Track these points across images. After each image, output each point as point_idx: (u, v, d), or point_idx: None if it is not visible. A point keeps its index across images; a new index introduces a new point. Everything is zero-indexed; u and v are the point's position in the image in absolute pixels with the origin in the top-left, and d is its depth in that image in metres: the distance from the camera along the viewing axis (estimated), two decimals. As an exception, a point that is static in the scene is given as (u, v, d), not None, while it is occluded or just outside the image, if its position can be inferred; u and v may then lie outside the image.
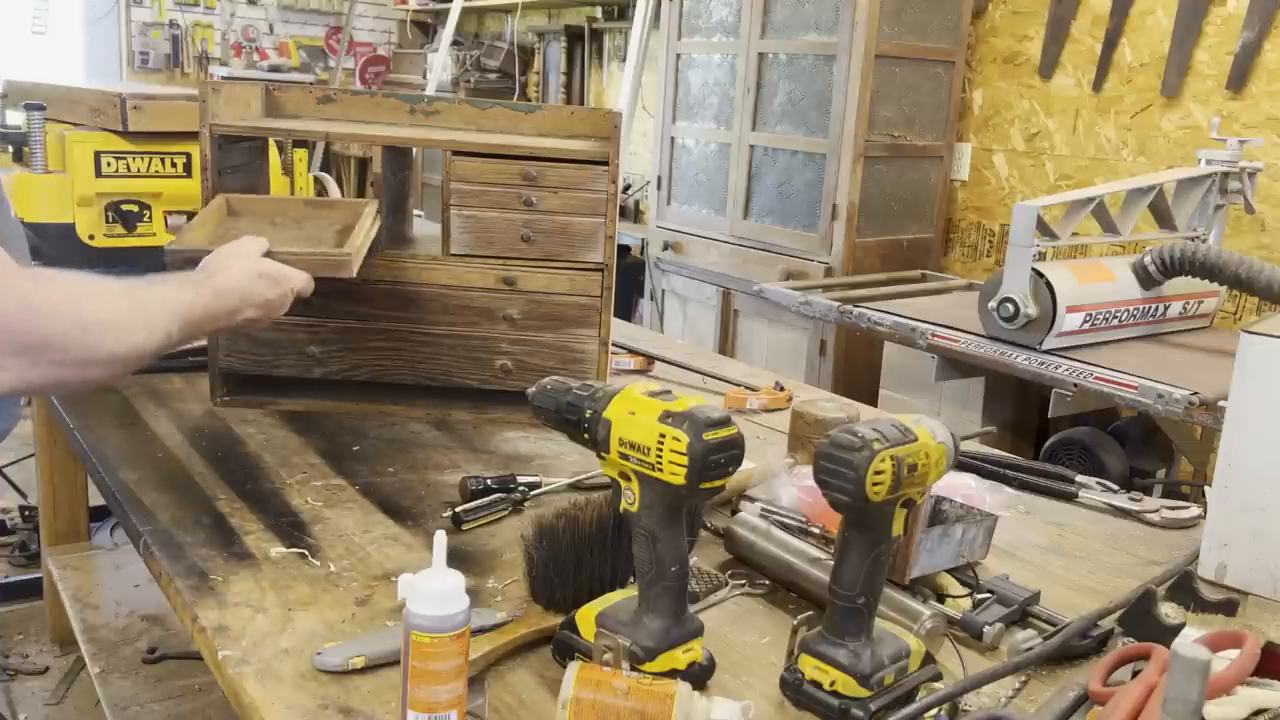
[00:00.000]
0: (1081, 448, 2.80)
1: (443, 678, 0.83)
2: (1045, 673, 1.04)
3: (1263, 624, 1.16)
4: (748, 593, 1.18)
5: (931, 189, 3.81)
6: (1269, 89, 3.10)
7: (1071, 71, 3.57)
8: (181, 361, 1.82)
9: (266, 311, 1.37)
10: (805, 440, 1.44)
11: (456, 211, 1.59)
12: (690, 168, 4.18)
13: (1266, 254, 3.07)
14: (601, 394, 0.98)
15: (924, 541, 1.13)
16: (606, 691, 0.87)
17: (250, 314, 1.34)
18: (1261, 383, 1.20)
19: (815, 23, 3.61)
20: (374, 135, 1.61)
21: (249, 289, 1.33)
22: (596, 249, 1.61)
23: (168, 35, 6.73)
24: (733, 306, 4.00)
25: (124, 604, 2.32)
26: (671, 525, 0.94)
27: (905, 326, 2.74)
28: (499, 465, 1.50)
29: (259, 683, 0.95)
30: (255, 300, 1.34)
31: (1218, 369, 2.34)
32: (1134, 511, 1.46)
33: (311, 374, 1.65)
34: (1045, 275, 2.47)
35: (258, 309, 1.35)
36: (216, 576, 1.13)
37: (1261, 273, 2.36)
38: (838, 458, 0.88)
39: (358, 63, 7.34)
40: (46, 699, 2.46)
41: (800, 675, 0.94)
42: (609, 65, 5.83)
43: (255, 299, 1.34)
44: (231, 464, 1.44)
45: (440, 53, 5.89)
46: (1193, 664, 0.69)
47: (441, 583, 0.84)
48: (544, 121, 1.74)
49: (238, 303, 1.32)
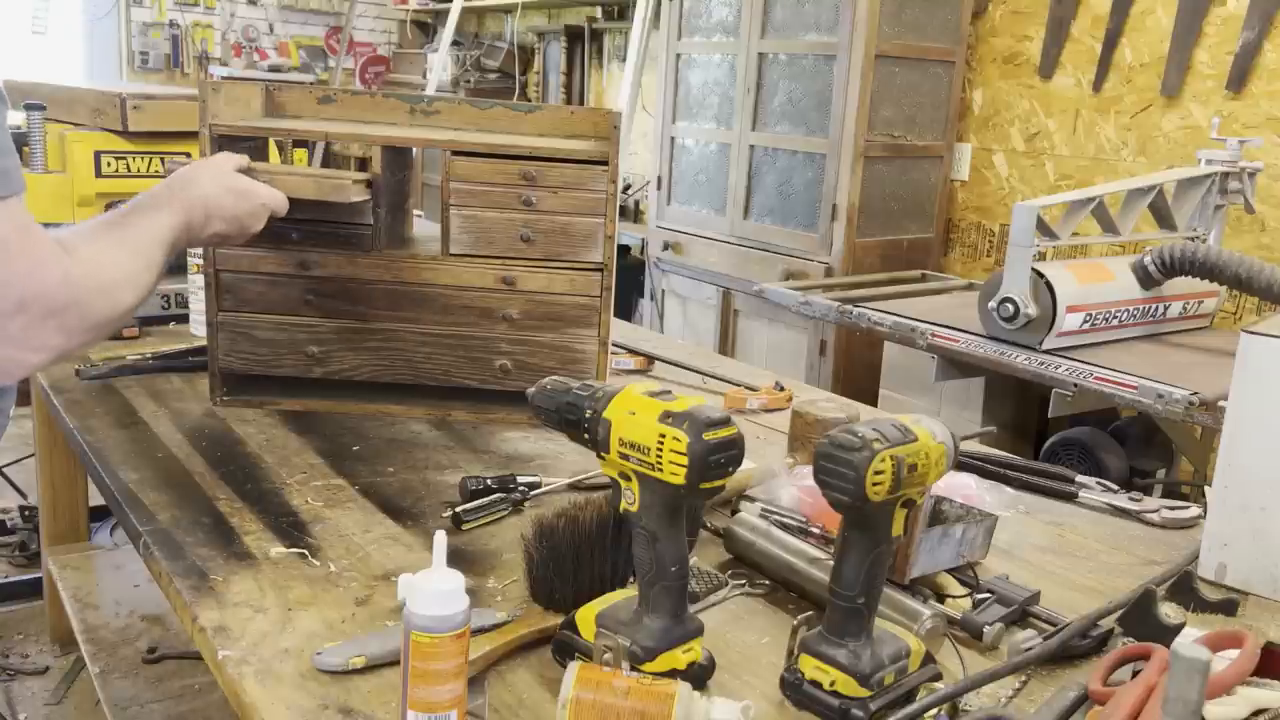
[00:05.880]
0: (1081, 448, 2.80)
1: (443, 678, 0.83)
2: (1045, 673, 1.04)
3: (1263, 624, 1.16)
4: (748, 593, 1.18)
5: (931, 189, 3.81)
6: (1269, 89, 3.10)
7: (1071, 71, 3.57)
8: (182, 361, 1.82)
9: (237, 228, 1.36)
10: (805, 440, 1.44)
11: (456, 211, 1.59)
12: (690, 168, 4.18)
13: (1266, 254, 3.07)
14: (601, 394, 0.98)
15: (924, 541, 1.13)
16: (606, 691, 0.87)
17: (219, 228, 1.34)
18: (1261, 383, 1.20)
19: (815, 23, 3.61)
20: (374, 135, 1.61)
21: (216, 201, 1.33)
22: (596, 249, 1.61)
23: (168, 35, 6.73)
24: (733, 306, 4.00)
25: (124, 604, 2.32)
26: (671, 525, 0.94)
27: (905, 326, 2.74)
28: (499, 465, 1.50)
29: (259, 683, 0.95)
30: (224, 213, 1.33)
31: (1218, 369, 2.34)
32: (1134, 511, 1.46)
33: (311, 374, 1.65)
34: (1045, 275, 2.47)
35: (226, 223, 1.34)
36: (216, 576, 1.13)
37: (1261, 273, 2.36)
38: (838, 458, 0.88)
39: (358, 63, 7.34)
40: (46, 699, 2.46)
41: (800, 675, 0.94)
42: (609, 65, 5.83)
43: (224, 211, 1.33)
44: (231, 464, 1.44)
45: (440, 53, 5.89)
46: (1193, 664, 0.69)
47: (441, 583, 0.84)
48: (544, 121, 1.74)
49: (203, 217, 1.31)
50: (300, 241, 1.59)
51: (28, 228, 0.99)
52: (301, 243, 1.60)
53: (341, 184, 1.48)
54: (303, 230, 1.58)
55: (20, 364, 1.01)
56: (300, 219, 1.53)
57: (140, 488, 1.35)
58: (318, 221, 1.58)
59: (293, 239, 1.59)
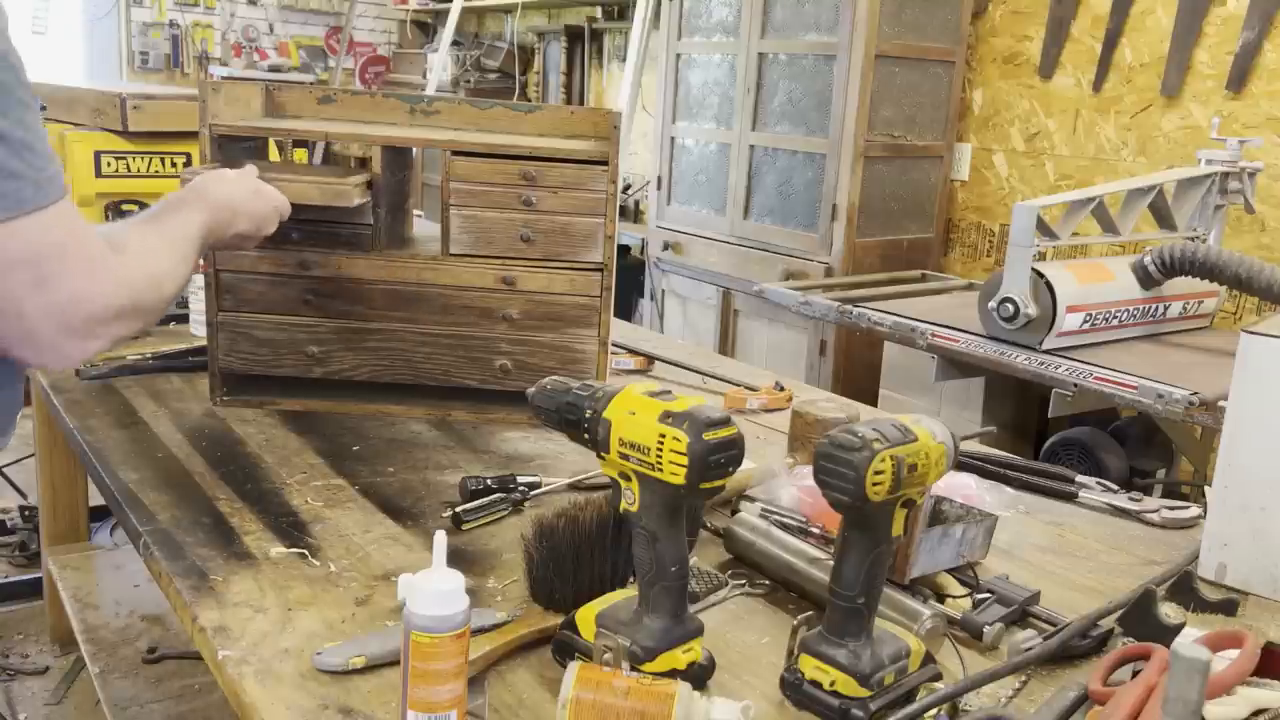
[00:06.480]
0: (1081, 448, 2.80)
1: (443, 678, 0.83)
2: (1045, 673, 1.04)
3: (1263, 624, 1.16)
4: (748, 593, 1.18)
5: (931, 189, 3.81)
6: (1269, 89, 3.10)
7: (1071, 71, 3.57)
8: (182, 361, 1.82)
9: (256, 226, 1.41)
10: (805, 440, 1.44)
11: (456, 211, 1.59)
12: (690, 168, 4.18)
13: (1266, 254, 3.07)
14: (601, 394, 0.98)
15: (924, 541, 1.13)
16: (606, 691, 0.87)
17: (242, 227, 1.38)
18: (1261, 383, 1.20)
19: (815, 23, 3.61)
20: (374, 135, 1.61)
21: (242, 201, 1.38)
22: (596, 249, 1.61)
23: (168, 35, 6.73)
24: (733, 306, 4.00)
25: (124, 604, 2.32)
26: (671, 525, 0.94)
27: (905, 326, 2.74)
28: (499, 465, 1.50)
29: (259, 683, 0.95)
30: (248, 212, 1.39)
31: (1218, 369, 2.34)
32: (1134, 511, 1.46)
33: (311, 374, 1.65)
34: (1045, 275, 2.47)
35: (249, 222, 1.39)
36: (216, 576, 1.13)
37: (1261, 273, 2.36)
38: (838, 458, 0.88)
39: (358, 63, 7.34)
40: (46, 699, 2.46)
41: (800, 675, 0.94)
42: (609, 65, 5.83)
43: (248, 211, 1.39)
44: (231, 464, 1.44)
45: (440, 53, 5.89)
46: (1193, 664, 0.69)
47: (441, 583, 0.84)
48: (544, 121, 1.74)
49: (229, 215, 1.36)
50: (300, 241, 1.60)
51: (81, 231, 1.02)
52: (301, 243, 1.60)
53: (344, 189, 1.48)
54: (303, 230, 1.59)
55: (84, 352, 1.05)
56: (300, 219, 1.53)
57: (140, 488, 1.35)
58: (318, 222, 1.58)
59: (293, 239, 1.59)
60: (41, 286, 0.97)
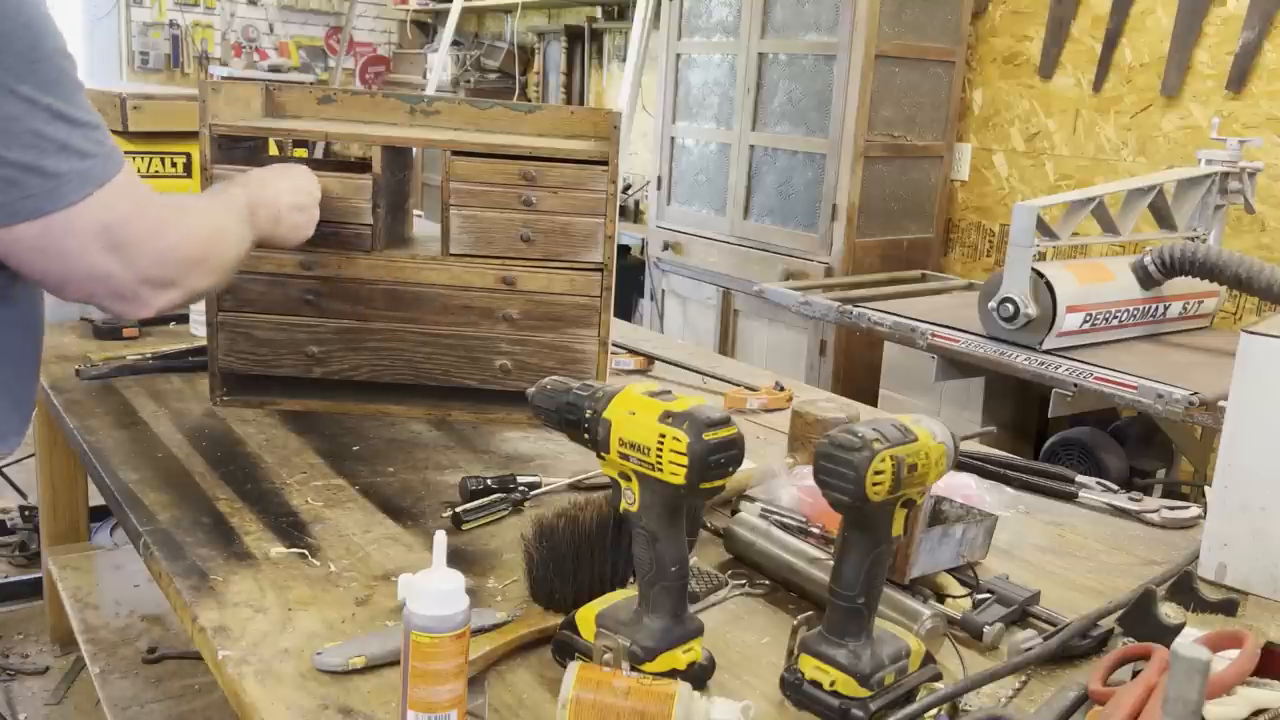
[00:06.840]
0: (1081, 448, 2.80)
1: (443, 678, 0.83)
2: (1045, 673, 1.04)
3: (1263, 624, 1.16)
4: (748, 593, 1.18)
5: (931, 189, 3.81)
6: (1269, 89, 3.10)
7: (1071, 71, 3.57)
8: (182, 361, 1.82)
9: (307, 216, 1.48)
10: (805, 440, 1.44)
11: (456, 211, 1.59)
12: (690, 168, 4.18)
13: (1266, 254, 3.07)
14: (601, 394, 0.98)
15: (924, 541, 1.13)
16: (606, 691, 0.87)
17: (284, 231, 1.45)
18: (1261, 383, 1.20)
19: (815, 23, 3.61)
20: (374, 135, 1.61)
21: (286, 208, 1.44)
22: (596, 249, 1.61)
23: (168, 35, 6.73)
24: (733, 306, 4.00)
25: (124, 604, 2.32)
26: (671, 525, 0.94)
27: (905, 326, 2.74)
28: (499, 465, 1.50)
29: (259, 683, 0.95)
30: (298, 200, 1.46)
31: (1218, 369, 2.34)
32: (1134, 511, 1.46)
33: (311, 374, 1.65)
34: (1045, 275, 2.47)
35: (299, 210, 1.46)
36: (216, 576, 1.13)
37: (1261, 273, 2.36)
38: (838, 458, 0.88)
39: (358, 63, 7.34)
40: (46, 699, 2.46)
41: (800, 675, 0.94)
42: (609, 65, 5.83)
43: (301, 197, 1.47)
44: (231, 464, 1.44)
45: (440, 53, 5.89)
46: (1193, 664, 0.69)
47: (441, 583, 0.84)
48: (544, 121, 1.74)
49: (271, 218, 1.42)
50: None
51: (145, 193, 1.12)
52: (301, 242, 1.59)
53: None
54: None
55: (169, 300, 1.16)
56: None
57: (140, 488, 1.35)
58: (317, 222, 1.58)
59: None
60: (120, 249, 1.07)
